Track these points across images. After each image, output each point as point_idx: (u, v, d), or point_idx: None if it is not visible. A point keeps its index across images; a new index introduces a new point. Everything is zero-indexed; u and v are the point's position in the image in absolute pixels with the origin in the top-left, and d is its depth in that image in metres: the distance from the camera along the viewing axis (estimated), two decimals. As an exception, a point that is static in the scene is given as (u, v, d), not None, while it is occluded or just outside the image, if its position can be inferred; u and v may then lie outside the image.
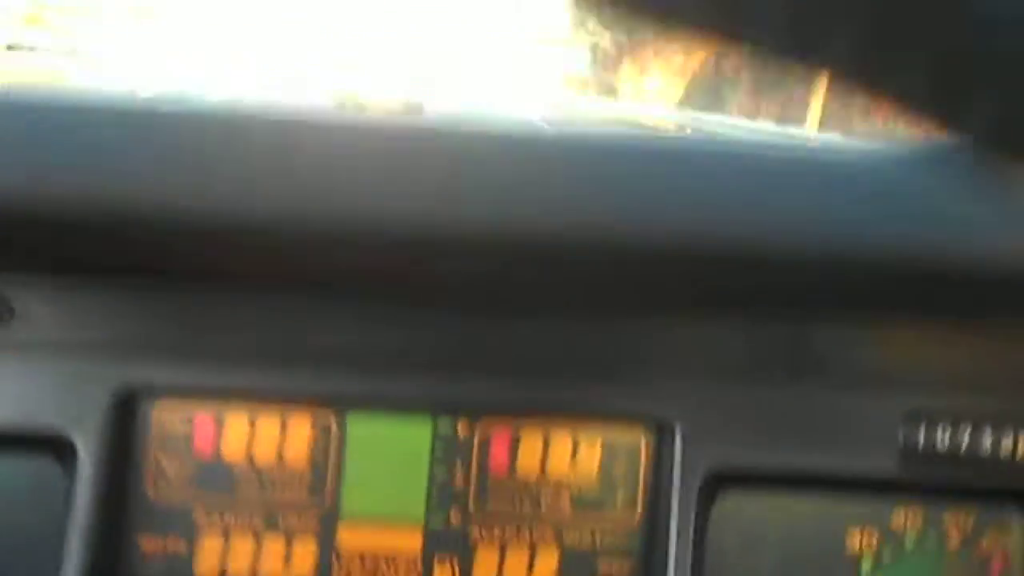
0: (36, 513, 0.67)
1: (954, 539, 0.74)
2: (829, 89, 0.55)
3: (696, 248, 0.54)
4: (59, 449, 0.65)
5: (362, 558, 0.70)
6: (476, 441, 0.70)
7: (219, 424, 0.69)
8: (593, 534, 0.71)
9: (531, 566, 0.71)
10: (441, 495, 0.70)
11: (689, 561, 0.69)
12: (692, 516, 0.69)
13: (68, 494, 0.65)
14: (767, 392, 0.69)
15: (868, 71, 0.28)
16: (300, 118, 0.54)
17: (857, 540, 0.73)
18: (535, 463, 0.71)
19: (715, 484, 0.70)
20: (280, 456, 0.69)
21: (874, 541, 0.73)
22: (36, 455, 0.67)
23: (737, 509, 0.72)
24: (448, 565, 0.70)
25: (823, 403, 0.70)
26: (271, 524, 0.69)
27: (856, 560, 0.73)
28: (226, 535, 0.68)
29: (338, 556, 0.69)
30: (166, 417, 0.68)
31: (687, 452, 0.69)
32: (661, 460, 0.70)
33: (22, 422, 0.65)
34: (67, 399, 0.65)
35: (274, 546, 0.69)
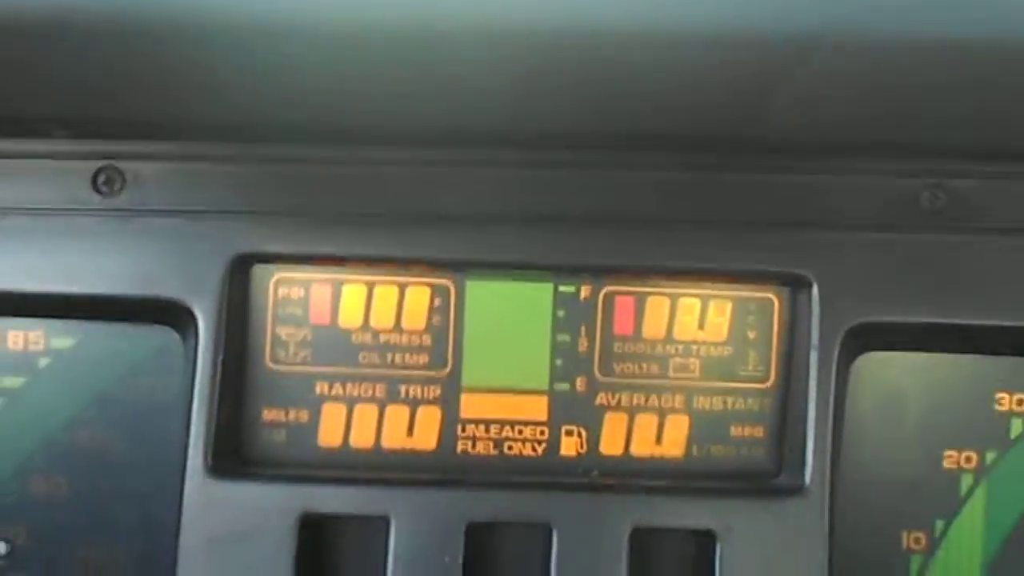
0: (160, 383, 0.67)
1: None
2: None
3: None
4: (179, 317, 0.64)
5: (487, 427, 0.68)
6: (600, 303, 0.67)
7: (336, 291, 0.67)
8: (724, 398, 0.68)
9: (660, 433, 0.68)
10: (565, 361, 0.67)
11: (829, 425, 0.65)
12: (831, 377, 0.65)
13: (191, 361, 0.64)
14: (909, 242, 0.65)
15: None
16: None
17: (1006, 400, 0.69)
18: (662, 325, 0.68)
19: (854, 343, 0.66)
20: (399, 323, 0.67)
21: None
22: (157, 324, 0.66)
23: (876, 370, 0.69)
24: (575, 433, 0.68)
25: (969, 252, 0.65)
26: (393, 393, 0.67)
27: (1005, 422, 0.69)
28: (348, 405, 0.67)
29: (462, 425, 0.68)
30: (282, 285, 0.67)
31: (825, 308, 0.65)
32: (797, 318, 0.67)
33: (141, 290, 0.64)
34: (184, 266, 0.64)
35: (397, 415, 0.67)
